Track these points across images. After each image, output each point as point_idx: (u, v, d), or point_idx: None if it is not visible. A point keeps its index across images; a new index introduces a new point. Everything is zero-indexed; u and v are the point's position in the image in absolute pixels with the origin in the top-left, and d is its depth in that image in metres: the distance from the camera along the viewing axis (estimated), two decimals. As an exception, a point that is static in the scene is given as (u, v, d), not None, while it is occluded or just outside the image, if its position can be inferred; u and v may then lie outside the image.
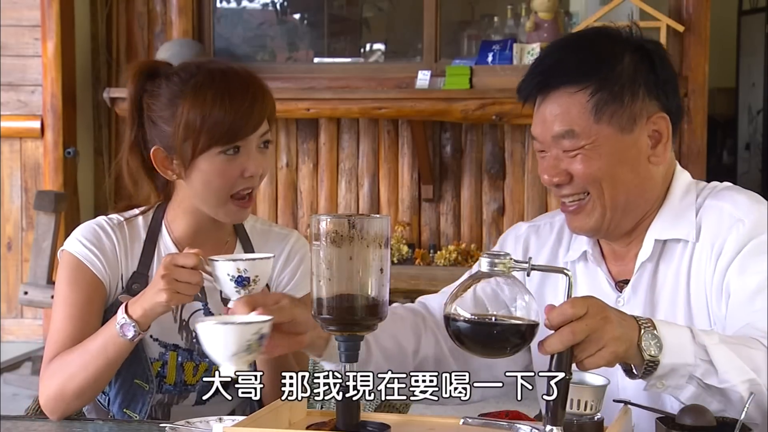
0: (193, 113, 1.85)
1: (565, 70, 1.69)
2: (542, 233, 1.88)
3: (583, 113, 1.67)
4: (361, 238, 1.43)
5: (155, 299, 1.76)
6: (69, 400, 1.85)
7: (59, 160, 5.40)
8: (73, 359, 1.84)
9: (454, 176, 5.36)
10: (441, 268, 5.19)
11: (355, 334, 1.46)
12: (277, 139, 5.48)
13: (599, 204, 1.70)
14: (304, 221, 5.51)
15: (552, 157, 1.71)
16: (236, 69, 1.91)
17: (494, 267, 1.43)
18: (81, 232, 1.95)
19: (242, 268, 1.68)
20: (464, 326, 1.42)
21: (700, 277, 1.70)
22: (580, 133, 1.67)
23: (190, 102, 1.86)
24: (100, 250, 1.93)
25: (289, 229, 2.08)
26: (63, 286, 1.92)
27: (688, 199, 1.75)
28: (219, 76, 1.88)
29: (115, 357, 1.82)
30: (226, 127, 1.84)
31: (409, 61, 5.61)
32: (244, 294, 1.70)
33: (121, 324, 1.79)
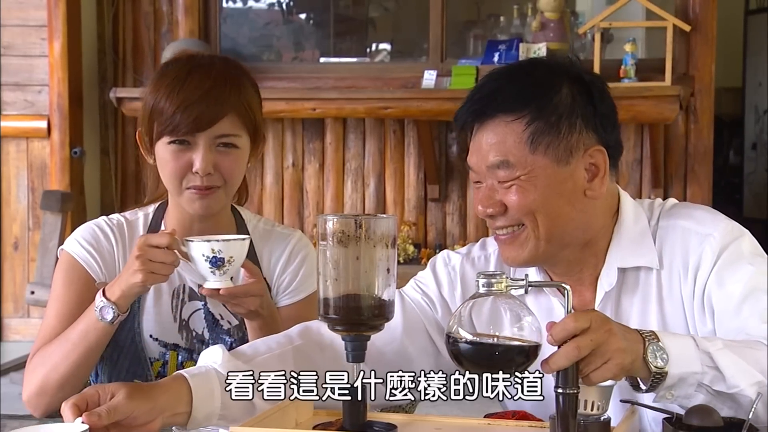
0: (149, 98, 1.84)
1: (502, 98, 1.66)
2: (478, 266, 1.83)
3: (518, 143, 1.65)
4: (367, 238, 1.42)
5: (131, 280, 1.76)
6: (52, 393, 1.84)
7: (66, 159, 5.40)
8: (54, 350, 1.84)
9: (460, 176, 5.36)
10: (447, 267, 5.18)
11: (362, 334, 1.46)
12: (283, 138, 5.48)
13: (533, 235, 1.67)
14: (310, 221, 5.51)
15: (487, 187, 1.68)
16: (218, 65, 1.86)
17: (491, 287, 1.41)
18: (80, 232, 1.95)
19: (216, 248, 1.70)
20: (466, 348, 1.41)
21: (675, 300, 1.69)
22: (516, 163, 1.65)
23: (150, 87, 1.85)
24: (98, 250, 1.93)
25: (291, 229, 2.07)
26: (58, 284, 1.92)
27: (640, 224, 1.73)
28: (189, 67, 1.84)
29: (96, 342, 1.82)
30: (169, 118, 1.80)
31: (415, 60, 5.60)
32: (219, 274, 1.72)
33: (99, 307, 1.79)
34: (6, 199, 5.55)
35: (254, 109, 1.88)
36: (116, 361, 1.92)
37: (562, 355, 1.38)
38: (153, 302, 1.93)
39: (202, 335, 1.93)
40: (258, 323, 1.84)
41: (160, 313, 1.93)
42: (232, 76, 1.86)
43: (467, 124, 1.71)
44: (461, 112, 1.71)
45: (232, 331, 1.94)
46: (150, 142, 1.86)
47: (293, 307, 1.97)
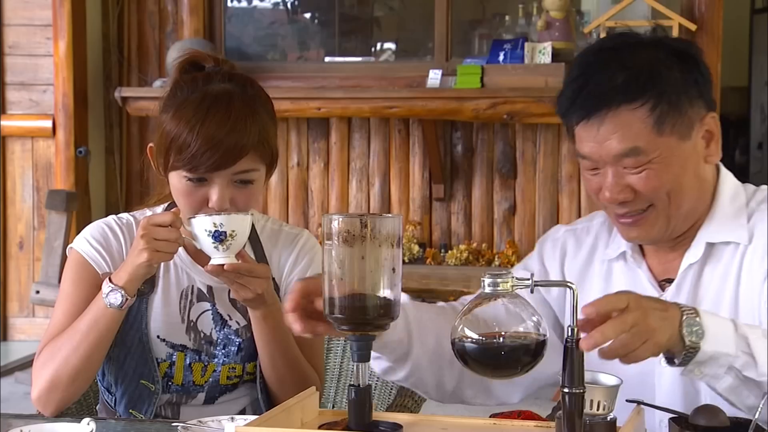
0: (168, 129, 1.83)
1: (620, 88, 1.66)
2: (580, 236, 1.87)
3: (645, 129, 1.65)
4: (373, 238, 1.42)
5: (137, 261, 1.77)
6: (63, 387, 1.84)
7: (71, 159, 5.41)
8: (63, 343, 1.84)
9: (465, 175, 5.36)
10: (452, 267, 5.19)
11: (367, 333, 1.45)
12: (288, 138, 5.49)
13: (663, 215, 1.70)
14: (315, 220, 5.51)
15: (612, 175, 1.68)
16: (236, 97, 1.84)
17: (497, 287, 1.42)
18: (89, 231, 1.96)
19: (218, 221, 1.74)
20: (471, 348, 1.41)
21: (753, 280, 1.70)
22: (646, 149, 1.65)
23: (170, 118, 1.83)
24: (107, 249, 1.93)
25: (299, 228, 2.07)
26: (67, 283, 1.93)
27: (738, 203, 1.75)
28: (210, 101, 1.82)
29: (106, 330, 1.82)
30: (188, 157, 1.79)
31: (420, 60, 5.60)
32: (222, 250, 1.73)
33: (107, 292, 1.80)
34: (11, 199, 5.55)
35: (272, 142, 1.88)
36: (123, 362, 1.92)
37: (600, 331, 1.39)
38: (161, 303, 1.93)
39: (210, 336, 1.94)
40: (262, 313, 1.84)
41: (168, 313, 1.93)
42: (250, 111, 1.84)
43: (578, 117, 1.69)
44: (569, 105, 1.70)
45: (241, 332, 1.94)
46: (164, 166, 1.85)
47: (300, 308, 1.97)
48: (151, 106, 5.03)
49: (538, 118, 4.92)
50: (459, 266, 5.19)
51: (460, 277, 4.95)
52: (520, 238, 5.29)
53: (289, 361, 1.90)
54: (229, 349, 1.94)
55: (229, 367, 1.94)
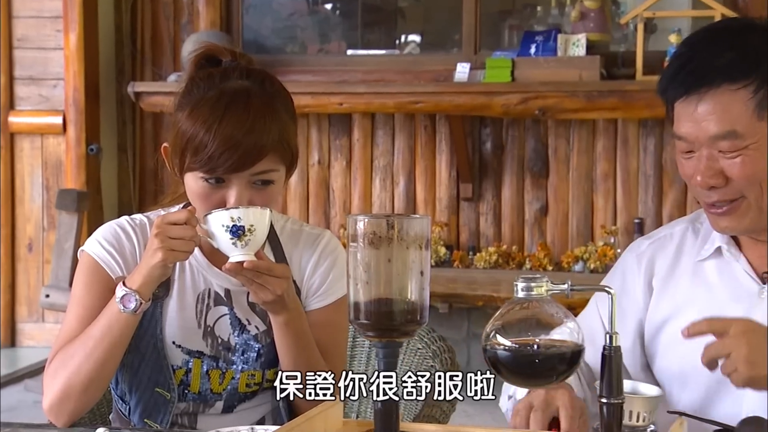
0: (183, 129, 1.83)
1: (724, 67, 1.66)
2: (664, 244, 1.88)
3: (745, 111, 1.65)
4: (400, 239, 1.42)
5: (151, 261, 1.78)
6: (76, 396, 1.85)
7: (82, 157, 5.44)
8: (75, 350, 1.85)
9: (494, 174, 5.35)
10: (481, 270, 5.18)
11: (394, 340, 1.45)
12: (308, 134, 5.49)
13: (756, 206, 1.70)
14: (336, 221, 5.52)
15: (705, 158, 1.69)
16: (254, 95, 1.84)
17: (531, 291, 1.41)
18: (101, 232, 1.96)
19: (236, 215, 1.74)
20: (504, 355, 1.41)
21: None
22: (744, 133, 1.66)
23: (186, 117, 1.84)
24: (119, 252, 1.94)
25: (320, 229, 2.07)
26: (78, 287, 1.93)
27: None
28: (227, 99, 1.82)
29: (120, 336, 1.83)
30: (206, 158, 1.80)
31: (447, 53, 5.60)
32: (240, 246, 1.73)
33: (121, 296, 1.80)
34: (20, 198, 5.59)
35: (292, 142, 1.89)
36: (137, 369, 1.93)
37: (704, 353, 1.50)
38: (176, 307, 1.94)
39: (228, 342, 1.94)
40: (284, 318, 1.84)
41: (183, 318, 1.93)
42: (270, 109, 1.85)
43: (681, 95, 1.70)
44: (669, 82, 1.71)
45: (260, 337, 1.95)
46: (180, 167, 1.86)
47: (323, 311, 1.98)
48: (166, 102, 5.05)
49: (571, 113, 4.90)
50: (488, 269, 5.18)
51: (488, 281, 4.94)
52: (553, 240, 5.27)
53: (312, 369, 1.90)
54: (248, 355, 1.94)
55: (248, 374, 1.94)
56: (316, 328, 1.92)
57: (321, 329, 1.93)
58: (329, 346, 1.94)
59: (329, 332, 1.96)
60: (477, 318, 5.22)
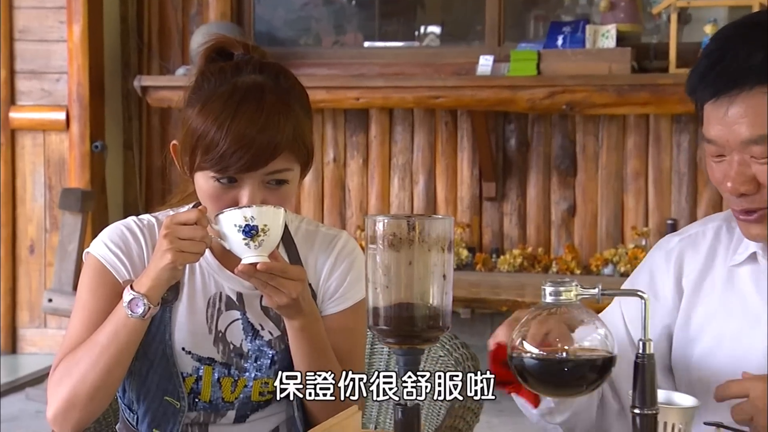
0: (193, 126, 1.83)
1: (757, 68, 1.64)
2: (696, 242, 1.86)
3: None
4: (421, 241, 1.42)
5: (160, 264, 1.78)
6: (81, 406, 1.85)
7: (86, 154, 5.46)
8: (80, 357, 1.85)
9: (519, 172, 5.34)
10: (504, 274, 5.18)
11: (415, 347, 1.45)
12: (324, 131, 5.50)
13: None
14: (352, 222, 5.53)
15: (737, 163, 1.67)
16: (268, 90, 1.84)
17: (559, 296, 1.41)
18: (107, 233, 1.97)
19: (249, 215, 1.75)
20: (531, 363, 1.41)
21: None
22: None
23: (196, 113, 1.84)
24: (126, 254, 1.94)
25: (337, 229, 2.07)
26: (83, 291, 1.94)
27: None
28: (240, 95, 1.83)
29: (127, 343, 1.83)
30: (217, 157, 1.80)
31: (469, 45, 5.60)
32: (253, 247, 1.73)
33: (128, 300, 1.81)
34: (21, 198, 5.61)
35: (307, 140, 1.89)
36: (145, 377, 1.93)
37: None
38: (186, 312, 1.94)
39: (240, 348, 1.94)
40: (299, 323, 1.85)
41: (193, 323, 1.94)
42: (284, 105, 1.85)
43: (707, 95, 1.69)
44: (698, 82, 1.70)
45: (274, 343, 1.95)
46: (190, 166, 1.87)
47: (340, 316, 1.98)
48: (174, 97, 5.06)
49: (600, 108, 4.89)
50: (512, 273, 5.18)
51: (513, 285, 4.94)
52: (580, 242, 5.26)
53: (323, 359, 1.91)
54: (262, 362, 1.94)
55: (262, 382, 1.95)
56: (332, 333, 1.92)
57: (338, 335, 1.94)
58: (347, 352, 1.94)
59: (347, 338, 1.96)
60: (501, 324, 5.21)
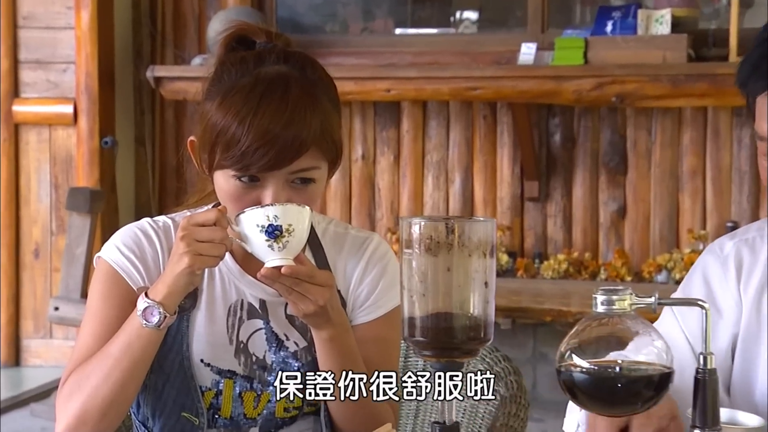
0: (213, 121, 1.84)
1: None
2: (754, 246, 1.86)
3: None
4: (461, 246, 1.42)
5: (177, 268, 1.79)
6: (93, 423, 1.86)
7: (95, 151, 5.49)
8: (92, 370, 1.86)
9: (564, 170, 5.33)
10: (548, 281, 5.17)
11: (454, 360, 1.46)
12: (351, 125, 5.51)
13: None
14: (382, 224, 5.53)
15: None
16: (293, 82, 1.85)
17: (612, 305, 1.41)
18: (120, 236, 1.98)
19: (272, 214, 1.75)
20: (581, 378, 1.41)
21: None
22: None
23: (216, 107, 1.85)
24: (140, 259, 1.95)
25: (368, 232, 2.08)
26: (94, 299, 1.95)
27: None
28: (263, 87, 1.83)
29: (141, 354, 1.84)
30: (239, 154, 1.81)
31: (509, 31, 5.59)
32: (277, 249, 1.74)
33: (143, 309, 1.81)
34: (25, 198, 5.64)
35: (335, 135, 1.89)
36: (161, 391, 1.95)
37: None
38: (205, 320, 1.95)
39: (263, 360, 1.95)
40: (327, 333, 1.85)
41: (213, 333, 1.95)
42: (311, 98, 1.85)
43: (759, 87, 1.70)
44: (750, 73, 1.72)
45: (300, 354, 1.96)
46: (209, 164, 1.88)
47: (372, 326, 1.98)
48: (189, 88, 5.09)
49: (653, 100, 4.88)
50: (557, 280, 5.17)
51: (558, 293, 4.93)
52: (631, 247, 5.24)
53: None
54: (287, 375, 1.95)
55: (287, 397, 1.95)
56: (363, 344, 1.92)
57: (369, 346, 1.94)
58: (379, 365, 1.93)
59: (379, 350, 1.96)
60: (544, 335, 5.21)
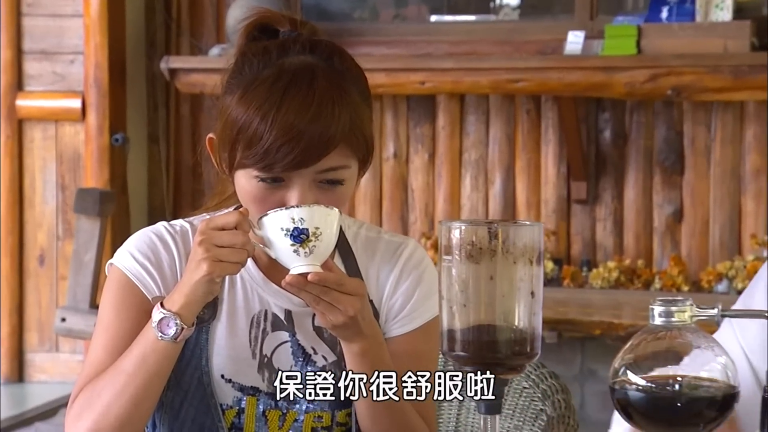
0: (233, 116, 1.84)
1: None
2: None
3: None
4: (505, 252, 1.43)
5: (195, 276, 1.79)
6: None
7: (105, 149, 5.51)
8: (103, 387, 1.87)
9: (614, 170, 5.32)
10: (597, 291, 5.15)
11: (499, 377, 1.46)
12: (382, 121, 5.51)
13: None
14: (416, 228, 5.53)
15: None
16: (320, 73, 1.85)
17: (671, 317, 1.41)
18: (134, 242, 1.99)
19: (297, 216, 1.76)
20: (636, 397, 1.41)
21: None
22: None
23: (236, 101, 1.85)
24: (156, 266, 1.96)
25: (403, 236, 2.08)
26: (106, 309, 1.96)
27: None
28: (287, 79, 1.83)
29: (157, 370, 1.84)
30: (261, 153, 1.81)
31: (555, 18, 5.58)
32: (303, 254, 1.74)
33: (158, 320, 1.82)
34: (29, 200, 5.67)
35: (366, 131, 1.89)
36: (179, 409, 1.96)
37: None
38: (225, 333, 1.96)
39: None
40: (359, 346, 1.85)
41: (234, 347, 1.95)
42: (339, 90, 1.85)
43: None
44: None
45: (329, 370, 1.96)
46: (229, 164, 1.88)
47: (407, 339, 1.99)
48: (207, 81, 5.10)
49: (713, 94, 4.86)
50: (607, 289, 5.15)
51: (608, 304, 4.92)
52: (689, 253, 5.23)
53: (394, 411, 1.91)
54: (315, 393, 1.96)
55: (315, 415, 1.96)
56: (398, 359, 1.92)
57: (404, 361, 1.93)
58: (415, 382, 1.95)
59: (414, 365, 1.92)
60: (593, 350, 5.19)
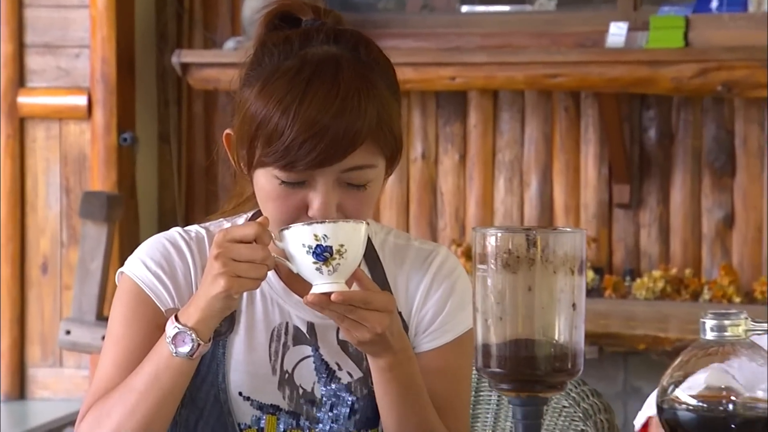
0: (252, 111, 1.85)
1: None
2: None
3: None
4: (545, 261, 1.43)
5: (212, 291, 1.78)
6: None
7: (112, 149, 5.52)
8: (113, 405, 1.87)
9: (660, 172, 5.31)
10: (641, 302, 5.14)
11: (537, 395, 1.46)
12: (410, 119, 5.51)
13: None
14: (446, 234, 5.53)
15: None
16: (345, 65, 1.84)
17: (724, 332, 1.41)
18: (146, 249, 1.99)
19: (321, 233, 1.75)
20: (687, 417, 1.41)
21: None
22: None
23: (255, 95, 1.86)
24: (170, 276, 1.97)
25: (433, 244, 2.08)
26: (117, 321, 1.96)
27: None
28: (310, 70, 1.83)
29: (171, 388, 1.84)
30: (282, 150, 1.81)
31: (595, 9, 5.57)
32: (327, 273, 1.74)
33: (172, 335, 1.81)
34: (32, 204, 5.68)
35: (395, 126, 1.88)
36: (194, 428, 1.96)
37: None
38: (244, 347, 1.96)
39: (311, 393, 1.96)
40: (387, 362, 1.85)
41: (253, 362, 1.96)
42: (365, 83, 1.85)
43: None
44: None
45: (354, 387, 1.96)
46: (248, 162, 1.89)
47: (438, 354, 1.98)
48: (221, 76, 5.12)
49: (766, 90, 4.84)
50: (652, 301, 5.14)
51: (653, 317, 4.91)
52: (740, 261, 5.21)
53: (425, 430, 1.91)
54: (339, 410, 1.96)
55: (339, 436, 1.97)
56: (428, 375, 1.92)
57: (435, 377, 1.94)
58: (447, 399, 1.95)
59: (446, 382, 1.97)
60: (636, 366, 5.18)
